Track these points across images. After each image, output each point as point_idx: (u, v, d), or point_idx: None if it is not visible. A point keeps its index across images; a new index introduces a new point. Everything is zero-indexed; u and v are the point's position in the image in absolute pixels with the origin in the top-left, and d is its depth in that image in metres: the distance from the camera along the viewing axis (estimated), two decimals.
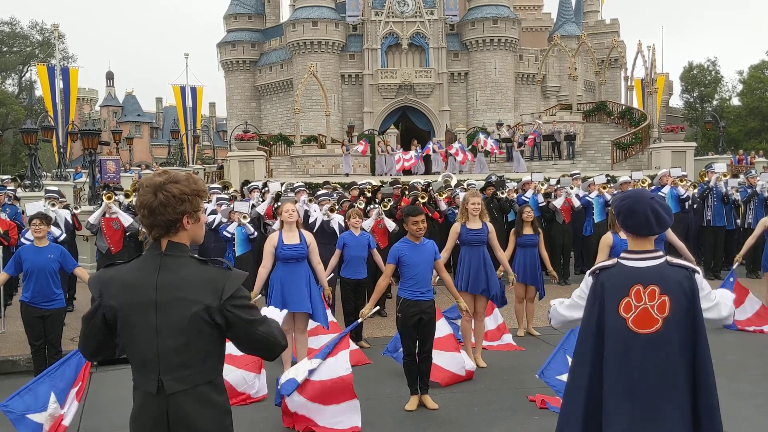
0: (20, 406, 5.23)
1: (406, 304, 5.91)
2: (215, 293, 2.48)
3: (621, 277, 2.96)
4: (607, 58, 36.34)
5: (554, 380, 5.78)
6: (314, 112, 48.01)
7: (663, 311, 2.88)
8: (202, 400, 2.52)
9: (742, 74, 54.13)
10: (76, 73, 27.16)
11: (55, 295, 6.72)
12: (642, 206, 2.97)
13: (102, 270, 2.67)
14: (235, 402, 6.19)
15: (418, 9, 49.69)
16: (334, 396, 5.59)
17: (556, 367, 5.83)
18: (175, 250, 2.56)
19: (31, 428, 5.20)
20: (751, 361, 7.40)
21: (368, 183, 14.91)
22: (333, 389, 5.60)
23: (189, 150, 33.75)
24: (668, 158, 22.66)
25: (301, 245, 6.77)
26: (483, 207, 7.38)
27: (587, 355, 3.01)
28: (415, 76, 49.75)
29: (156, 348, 2.49)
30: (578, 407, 2.99)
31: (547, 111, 33.97)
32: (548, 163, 26.87)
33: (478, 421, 5.79)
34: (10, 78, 57.31)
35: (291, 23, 51.34)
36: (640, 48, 30.85)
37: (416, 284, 5.89)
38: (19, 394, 5.27)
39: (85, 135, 17.36)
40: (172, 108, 44.76)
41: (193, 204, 2.57)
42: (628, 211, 3.00)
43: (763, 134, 50.70)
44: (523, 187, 13.55)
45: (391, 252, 6.03)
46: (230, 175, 22.73)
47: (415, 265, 5.89)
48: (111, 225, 9.90)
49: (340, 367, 5.65)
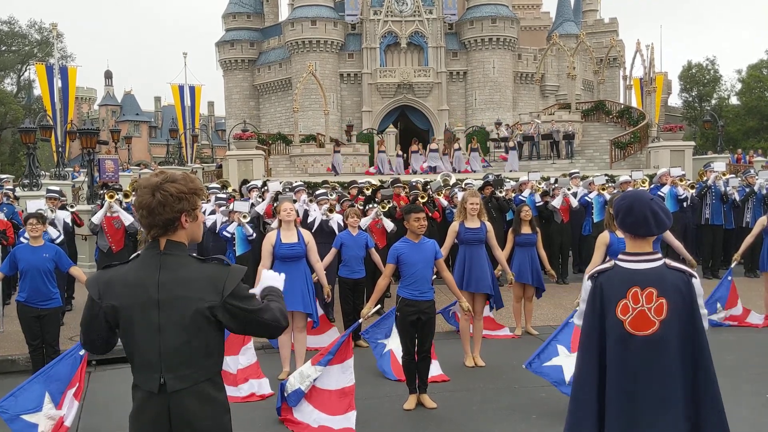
0: (14, 407, 5.21)
1: (405, 303, 5.91)
2: (216, 290, 2.51)
3: (619, 279, 2.95)
4: (605, 58, 36.33)
5: (542, 368, 5.83)
6: (313, 111, 47.97)
7: (660, 314, 2.88)
8: (202, 398, 2.55)
9: (740, 73, 54.21)
10: (74, 72, 27.15)
11: (52, 294, 6.70)
12: (641, 206, 2.96)
13: (100, 271, 2.69)
14: (244, 398, 6.35)
15: (416, 8, 49.64)
16: (337, 407, 5.62)
17: (546, 356, 5.88)
18: (174, 249, 2.58)
19: (26, 428, 5.19)
20: (750, 361, 7.41)
21: (367, 182, 14.94)
22: (337, 399, 5.64)
23: (188, 149, 33.75)
24: (667, 157, 22.67)
25: (299, 244, 6.78)
26: (482, 206, 7.38)
27: (593, 359, 2.99)
28: (413, 76, 49.73)
29: (158, 347, 2.51)
30: (591, 413, 2.96)
31: (545, 110, 33.99)
32: (547, 162, 26.88)
33: (477, 421, 5.80)
34: (9, 77, 57.22)
35: (290, 22, 51.29)
36: (639, 47, 30.90)
37: (415, 283, 5.88)
38: (13, 395, 5.26)
39: (83, 134, 17.34)
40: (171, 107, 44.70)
41: (190, 202, 2.59)
42: (627, 210, 2.99)
43: (761, 133, 50.75)
44: (521, 187, 13.56)
45: (391, 251, 6.02)
46: (229, 174, 22.73)
47: (413, 264, 5.88)
48: (113, 224, 9.89)
49: (346, 377, 5.68)
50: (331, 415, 5.62)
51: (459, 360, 7.44)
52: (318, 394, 5.65)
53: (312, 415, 5.60)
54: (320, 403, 5.64)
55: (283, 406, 5.71)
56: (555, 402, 5.90)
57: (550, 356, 5.89)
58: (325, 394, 5.64)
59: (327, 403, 5.64)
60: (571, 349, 5.76)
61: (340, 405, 5.64)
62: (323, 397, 5.65)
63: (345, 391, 5.67)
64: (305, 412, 5.64)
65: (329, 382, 5.66)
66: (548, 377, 5.87)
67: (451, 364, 7.20)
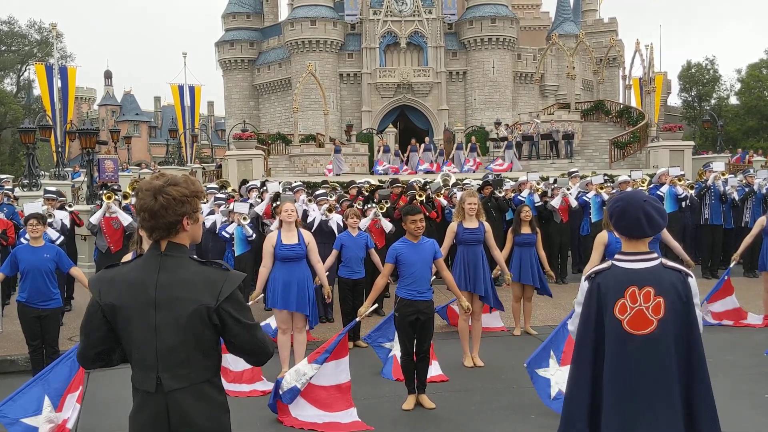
0: (14, 411, 5.18)
1: (404, 303, 5.92)
2: (213, 293, 2.51)
3: (616, 278, 2.97)
4: (605, 57, 36.34)
5: (534, 373, 5.89)
6: (312, 111, 47.98)
7: (658, 312, 2.90)
8: (200, 398, 2.55)
9: (740, 73, 54.18)
10: (74, 72, 27.16)
11: (52, 295, 6.71)
12: (633, 209, 2.97)
13: (102, 271, 2.70)
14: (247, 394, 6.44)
15: (416, 8, 49.65)
16: (336, 404, 5.64)
17: (538, 361, 5.90)
18: (175, 250, 2.59)
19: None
20: (748, 361, 7.40)
21: (366, 182, 14.94)
22: (333, 396, 5.66)
23: (187, 149, 33.75)
24: (666, 157, 22.68)
25: (299, 245, 6.79)
26: (480, 207, 7.40)
27: (587, 358, 3.01)
28: (413, 75, 49.75)
29: (155, 346, 2.52)
30: (582, 412, 2.99)
31: (545, 110, 34.02)
32: (546, 161, 26.89)
33: (476, 421, 5.81)
34: (8, 77, 57.21)
35: (289, 22, 51.29)
36: (638, 47, 30.91)
37: (414, 283, 5.89)
38: (12, 399, 5.23)
39: (83, 134, 17.33)
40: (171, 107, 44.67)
41: (192, 205, 2.61)
42: (620, 214, 3.01)
43: (761, 133, 50.74)
44: (520, 187, 13.57)
45: (390, 251, 6.04)
46: (228, 174, 22.74)
47: (412, 264, 5.89)
48: (111, 224, 9.90)
49: (340, 373, 5.70)
50: (334, 412, 5.65)
51: (458, 360, 7.45)
52: (314, 390, 5.66)
53: (312, 412, 5.61)
54: (317, 401, 5.66)
55: (278, 404, 5.72)
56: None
57: (541, 363, 5.92)
58: (321, 390, 5.66)
59: (325, 400, 5.66)
60: (561, 362, 5.79)
61: (339, 402, 5.65)
62: (319, 393, 5.66)
63: (341, 387, 5.69)
64: (304, 409, 5.66)
65: (325, 379, 5.68)
66: (536, 385, 5.89)
67: (450, 365, 7.21)
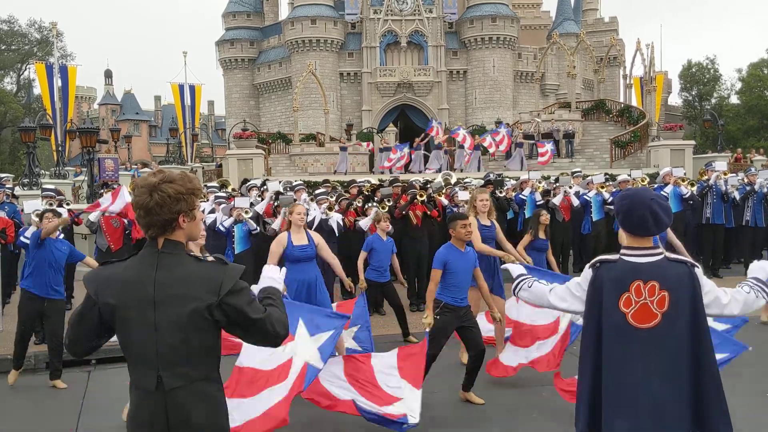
0: None
1: (447, 308, 5.95)
2: (213, 290, 2.49)
3: (621, 272, 2.97)
4: (605, 57, 36.27)
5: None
6: (313, 110, 47.97)
7: (662, 306, 2.91)
8: (200, 396, 2.54)
9: (741, 72, 54.21)
10: (74, 72, 27.18)
11: (59, 286, 7.07)
12: (640, 207, 2.97)
13: (98, 268, 2.68)
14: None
15: (416, 7, 49.65)
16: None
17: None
18: (172, 248, 2.57)
19: None
20: (749, 359, 7.36)
21: (366, 181, 14.90)
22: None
23: (187, 148, 33.78)
24: (667, 156, 22.65)
25: (309, 246, 6.88)
26: (491, 204, 7.43)
27: (589, 351, 3.04)
28: (413, 75, 49.74)
29: (154, 345, 2.50)
30: (585, 404, 3.02)
31: (545, 109, 33.93)
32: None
33: (476, 421, 5.79)
34: (9, 76, 57.21)
35: (290, 21, 51.30)
36: (639, 46, 30.84)
37: (457, 290, 5.97)
38: None
39: (83, 133, 17.34)
40: (171, 106, 44.69)
41: (188, 203, 2.58)
42: (627, 211, 3.02)
43: (762, 132, 50.76)
44: (521, 186, 13.55)
45: (437, 257, 6.01)
46: (229, 174, 22.73)
47: (459, 272, 5.96)
48: (111, 223, 9.90)
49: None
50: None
51: (458, 359, 7.43)
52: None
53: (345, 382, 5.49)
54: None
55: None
56: (555, 402, 5.88)
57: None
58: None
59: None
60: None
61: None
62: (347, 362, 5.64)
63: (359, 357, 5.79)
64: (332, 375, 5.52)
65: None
66: None
67: (449, 365, 7.18)
